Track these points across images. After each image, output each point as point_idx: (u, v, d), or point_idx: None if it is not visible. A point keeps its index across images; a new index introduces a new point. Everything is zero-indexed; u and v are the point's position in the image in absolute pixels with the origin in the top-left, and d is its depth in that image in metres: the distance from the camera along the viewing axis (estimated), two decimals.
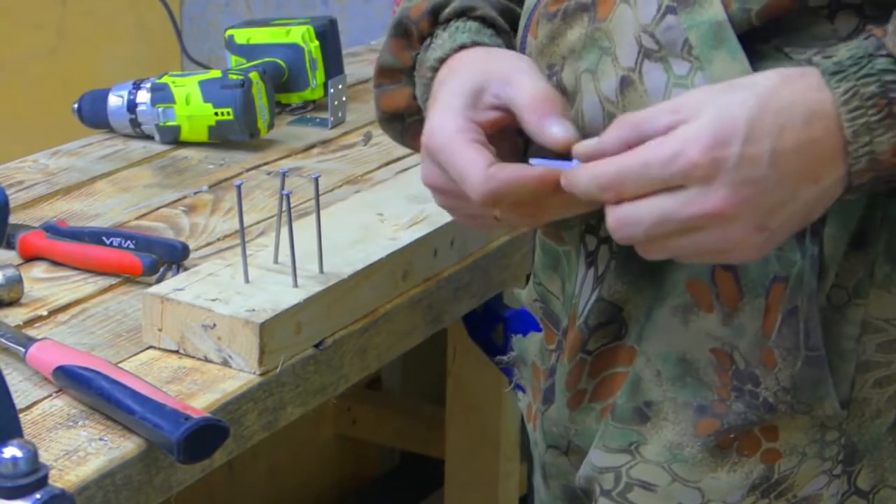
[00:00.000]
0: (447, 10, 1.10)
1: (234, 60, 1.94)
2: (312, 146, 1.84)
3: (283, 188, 1.32)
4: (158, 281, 1.38)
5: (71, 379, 1.17)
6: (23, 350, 1.22)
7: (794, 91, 0.90)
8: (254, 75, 1.77)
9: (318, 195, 1.33)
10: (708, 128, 0.89)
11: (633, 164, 0.91)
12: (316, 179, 1.33)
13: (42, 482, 0.93)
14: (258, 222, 1.56)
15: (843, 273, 0.98)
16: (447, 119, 1.01)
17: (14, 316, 1.34)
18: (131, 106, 1.80)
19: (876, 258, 0.98)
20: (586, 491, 1.12)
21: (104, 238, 1.45)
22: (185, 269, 1.40)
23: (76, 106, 1.84)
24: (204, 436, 1.10)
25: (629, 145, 0.92)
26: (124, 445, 1.13)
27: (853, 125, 0.89)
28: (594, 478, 1.10)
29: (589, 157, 0.93)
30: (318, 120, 1.92)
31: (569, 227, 1.10)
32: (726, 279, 1.01)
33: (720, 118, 0.89)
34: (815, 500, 1.03)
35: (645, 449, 1.06)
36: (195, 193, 1.65)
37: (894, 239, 0.98)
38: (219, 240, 1.53)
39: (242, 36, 1.95)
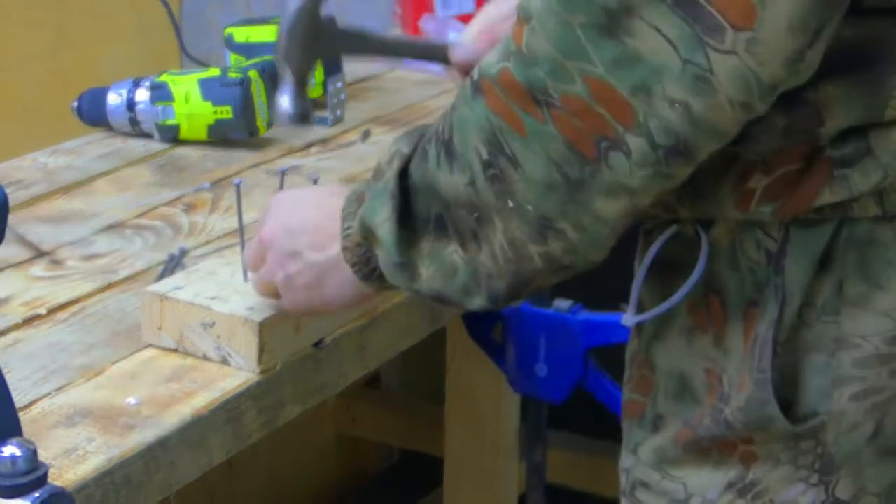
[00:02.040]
0: None
1: (233, 59, 1.94)
2: (311, 144, 1.84)
3: (282, 187, 1.32)
4: (158, 279, 1.38)
5: None
6: None
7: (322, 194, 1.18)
8: (253, 74, 1.77)
9: None
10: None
11: None
12: (315, 181, 1.33)
13: (41, 481, 0.93)
14: (257, 221, 1.56)
15: (811, 292, 1.01)
16: None
17: (13, 314, 1.34)
18: (130, 104, 1.80)
19: (845, 277, 1.01)
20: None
21: None
22: (185, 267, 1.40)
23: (75, 104, 1.84)
24: None
25: None
26: (123, 444, 1.13)
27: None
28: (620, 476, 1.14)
29: None
30: (316, 118, 1.92)
31: None
32: (715, 302, 1.05)
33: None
34: None
35: (641, 450, 1.10)
36: (195, 191, 1.65)
37: (865, 258, 1.01)
38: (218, 238, 1.53)
39: (241, 34, 1.95)
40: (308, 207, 1.17)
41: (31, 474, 0.92)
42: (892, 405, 1.02)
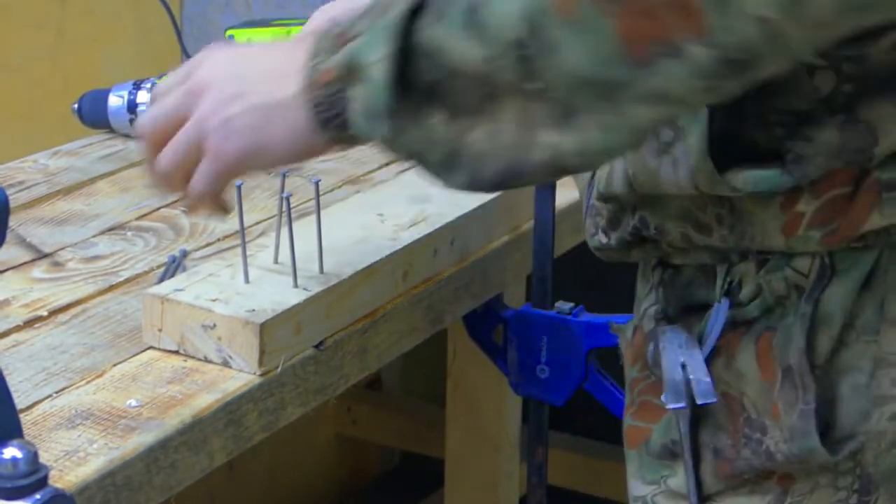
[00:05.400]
0: None
1: None
2: None
3: (283, 189, 1.32)
4: (159, 281, 1.38)
5: None
6: None
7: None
8: None
9: (318, 198, 1.33)
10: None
11: None
12: (316, 184, 1.33)
13: (42, 483, 0.92)
14: (258, 222, 1.56)
15: (851, 313, 0.99)
16: None
17: (14, 316, 1.34)
18: (131, 106, 1.80)
19: (886, 295, 0.99)
20: None
21: None
22: (185, 269, 1.40)
23: (76, 106, 1.84)
24: None
25: None
26: (124, 446, 1.13)
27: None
28: None
29: None
30: None
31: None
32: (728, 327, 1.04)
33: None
34: None
35: (672, 480, 1.08)
36: None
37: None
38: (219, 240, 1.53)
39: (243, 36, 1.95)
40: (259, 54, 1.06)
41: (32, 476, 0.92)
42: None
